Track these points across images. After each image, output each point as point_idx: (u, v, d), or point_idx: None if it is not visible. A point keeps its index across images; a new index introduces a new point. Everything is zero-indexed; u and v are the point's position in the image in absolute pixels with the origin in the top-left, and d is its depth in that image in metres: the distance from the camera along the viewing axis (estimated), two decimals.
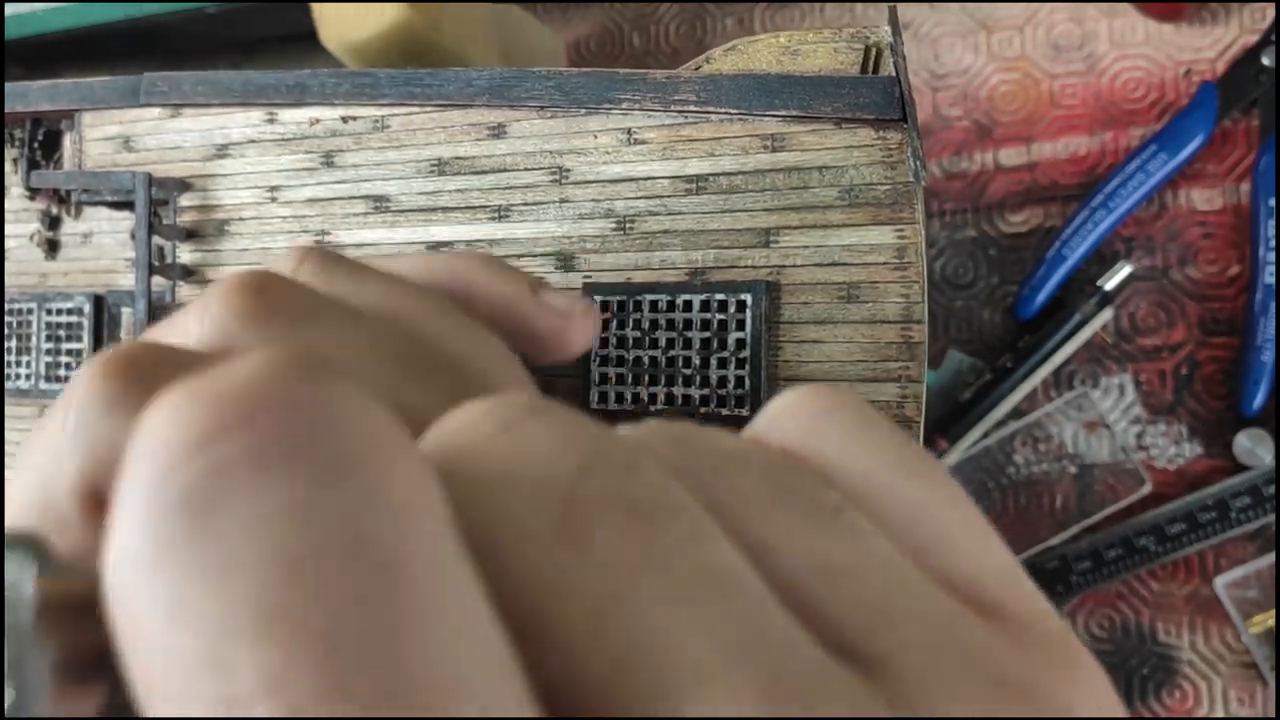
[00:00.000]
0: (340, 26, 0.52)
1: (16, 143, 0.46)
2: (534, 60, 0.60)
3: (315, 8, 0.53)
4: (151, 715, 0.11)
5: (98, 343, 0.43)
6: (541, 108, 0.37)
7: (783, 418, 0.18)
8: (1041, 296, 0.56)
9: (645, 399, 0.35)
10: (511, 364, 0.27)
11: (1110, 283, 0.55)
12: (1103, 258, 0.56)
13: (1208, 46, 0.55)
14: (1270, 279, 0.52)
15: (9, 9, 0.60)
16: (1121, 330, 0.56)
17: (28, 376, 0.45)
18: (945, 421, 0.57)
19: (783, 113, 0.33)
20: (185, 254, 0.42)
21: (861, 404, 0.18)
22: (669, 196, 0.35)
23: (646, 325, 0.35)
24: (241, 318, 0.21)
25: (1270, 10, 0.54)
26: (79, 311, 0.44)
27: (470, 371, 0.25)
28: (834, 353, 0.33)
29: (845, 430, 0.17)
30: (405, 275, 0.27)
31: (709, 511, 0.15)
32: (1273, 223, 0.52)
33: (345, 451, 0.12)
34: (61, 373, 0.44)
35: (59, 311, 0.44)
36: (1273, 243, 0.52)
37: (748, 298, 0.34)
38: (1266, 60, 0.53)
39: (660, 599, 0.13)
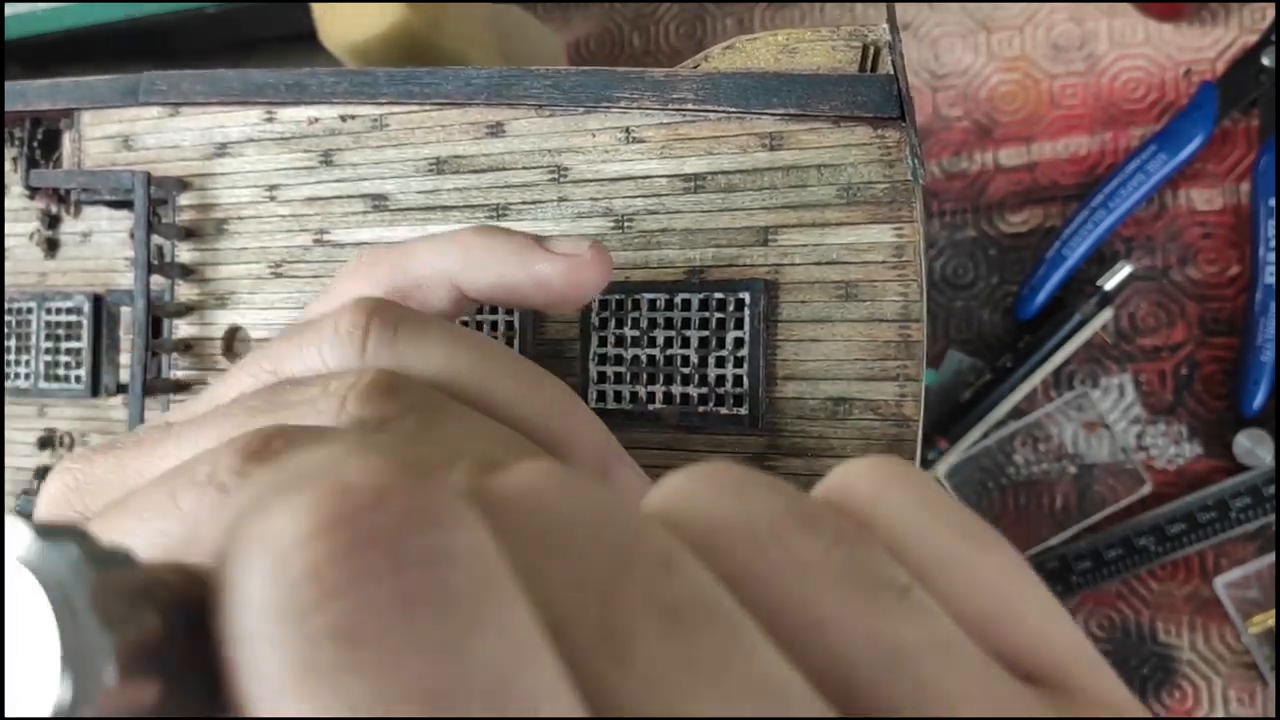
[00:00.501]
0: (340, 26, 0.52)
1: (16, 142, 0.46)
2: (534, 60, 0.60)
3: (315, 8, 0.53)
4: None
5: (97, 342, 0.43)
6: (540, 106, 0.37)
7: (851, 481, 0.18)
8: (1041, 296, 0.56)
9: (643, 398, 0.35)
10: (574, 410, 0.28)
11: (1110, 283, 0.55)
12: (1103, 258, 0.56)
13: (1208, 46, 0.55)
14: (1270, 279, 0.52)
15: (9, 9, 0.60)
16: (1121, 330, 0.56)
17: (27, 376, 0.45)
18: (945, 421, 0.57)
19: (781, 111, 0.33)
20: (184, 253, 0.42)
21: (929, 478, 0.18)
22: (667, 195, 0.35)
23: (644, 324, 0.35)
24: (377, 415, 0.23)
25: (1270, 10, 0.54)
26: (78, 311, 0.44)
27: (537, 437, 0.26)
28: (832, 352, 0.33)
29: (913, 499, 0.17)
30: (426, 289, 0.29)
31: (767, 583, 0.15)
32: (1273, 223, 0.52)
33: (471, 597, 0.12)
34: (61, 372, 0.44)
35: (58, 311, 0.44)
36: (1273, 243, 0.52)
37: (746, 296, 0.34)
38: (1266, 60, 0.53)
39: (707, 715, 0.13)
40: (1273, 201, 0.52)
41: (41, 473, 0.45)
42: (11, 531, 0.12)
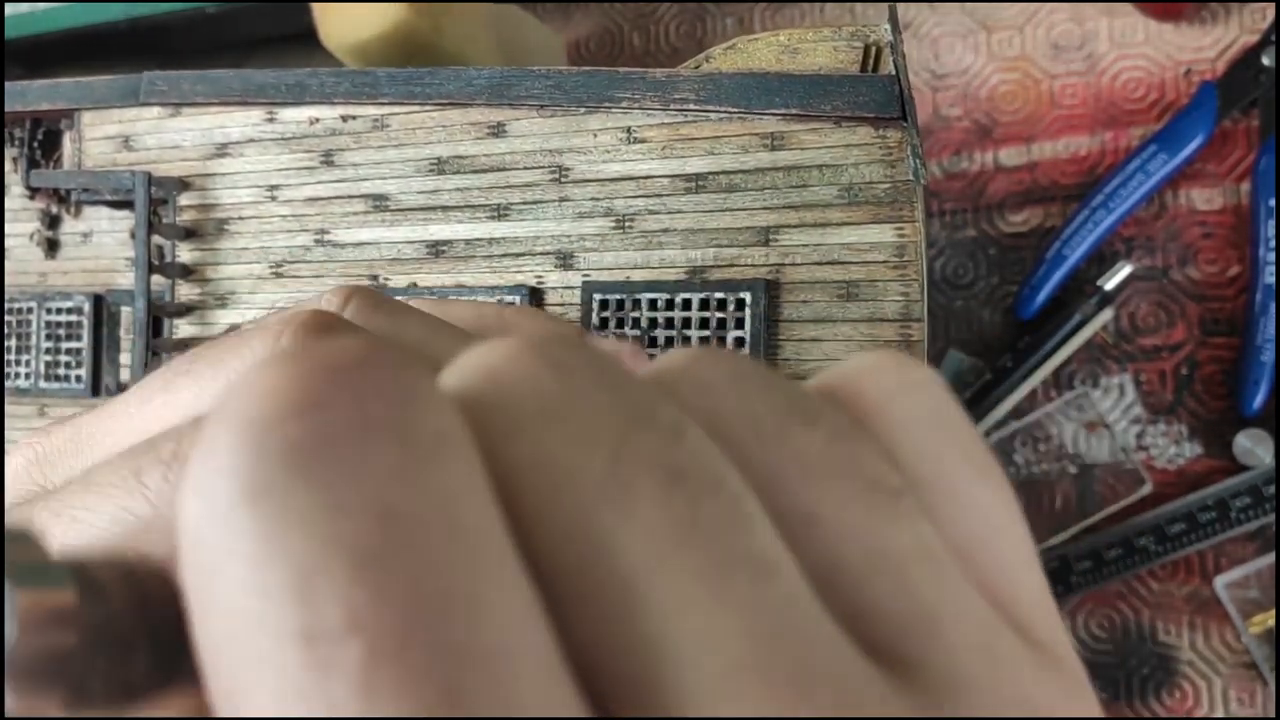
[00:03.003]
0: (340, 27, 0.52)
1: (16, 142, 0.46)
2: (534, 60, 0.60)
3: (315, 8, 0.53)
4: (221, 656, 0.12)
5: (97, 342, 0.43)
6: (541, 106, 0.37)
7: (863, 379, 0.17)
8: (1041, 296, 0.56)
9: None
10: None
11: (1110, 283, 0.55)
12: (1103, 258, 0.56)
13: (1208, 46, 0.55)
14: (1270, 279, 0.52)
15: (9, 9, 0.60)
16: (1121, 330, 0.56)
17: (27, 375, 0.45)
18: None
19: (782, 111, 0.33)
20: (185, 253, 0.42)
21: (945, 388, 0.17)
22: (668, 195, 0.35)
23: (645, 324, 0.35)
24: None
25: (1270, 10, 0.54)
26: (79, 310, 0.44)
27: None
28: (833, 351, 0.33)
29: (925, 412, 0.17)
30: (447, 319, 0.28)
31: (762, 473, 0.14)
32: (1273, 223, 0.52)
33: (437, 433, 0.12)
34: (61, 371, 0.44)
35: (59, 310, 0.44)
36: (1273, 243, 0.52)
37: (747, 296, 0.34)
38: (1266, 60, 0.53)
39: (694, 579, 0.13)
40: (1273, 201, 0.52)
41: None
42: None
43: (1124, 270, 0.55)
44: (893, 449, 0.16)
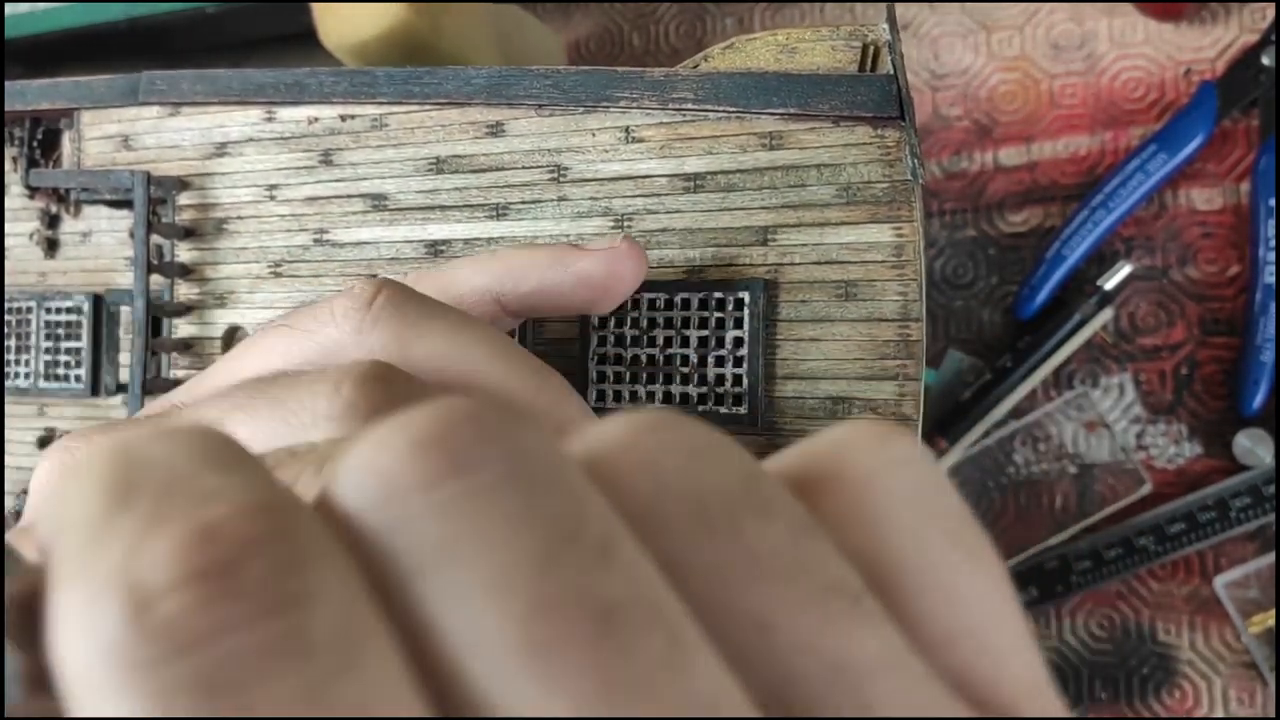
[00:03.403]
0: (340, 27, 0.52)
1: (16, 141, 0.46)
2: (534, 60, 0.60)
3: (315, 7, 0.53)
4: None
5: (96, 341, 0.43)
6: (539, 106, 0.37)
7: (841, 456, 0.16)
8: (1041, 296, 0.56)
9: (643, 398, 0.35)
10: (569, 401, 0.28)
11: (1110, 282, 0.55)
12: (1103, 258, 0.56)
13: (1208, 46, 0.55)
14: (1270, 279, 0.52)
15: (9, 9, 0.60)
16: (1121, 330, 0.56)
17: (27, 375, 0.45)
18: (945, 421, 0.57)
19: (780, 111, 0.33)
20: (184, 252, 0.42)
21: (931, 463, 0.16)
22: (667, 195, 0.35)
23: (644, 324, 0.35)
24: (369, 408, 0.23)
25: (1270, 10, 0.54)
26: (78, 310, 0.44)
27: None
28: (832, 351, 0.33)
29: (909, 492, 0.15)
30: (466, 306, 0.29)
31: (710, 572, 0.13)
32: (1273, 223, 0.52)
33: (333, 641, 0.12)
34: (60, 371, 0.44)
35: (58, 310, 0.44)
36: (1273, 243, 0.52)
37: (745, 296, 0.34)
38: (1266, 60, 0.53)
39: None
40: (1273, 201, 0.52)
41: None
42: None
43: (1124, 270, 0.55)
44: (872, 536, 0.15)
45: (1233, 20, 0.55)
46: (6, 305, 0.45)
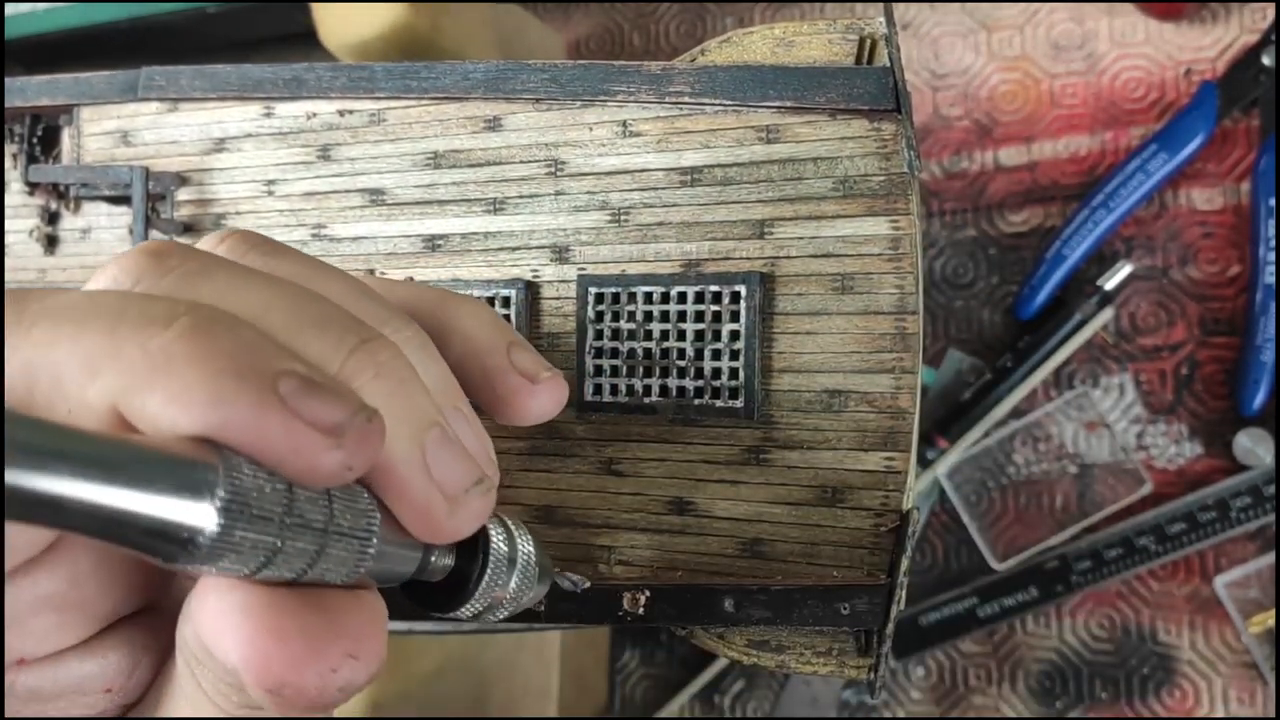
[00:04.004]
0: (340, 26, 0.52)
1: (16, 138, 0.46)
2: (534, 59, 0.60)
3: (315, 7, 0.53)
4: None
5: None
6: (537, 100, 0.37)
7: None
8: (1041, 296, 0.56)
9: (640, 391, 0.35)
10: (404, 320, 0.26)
11: (1110, 282, 0.55)
12: (1103, 257, 0.56)
13: (1208, 46, 0.55)
14: (1270, 279, 0.52)
15: (9, 9, 0.61)
16: (1121, 330, 0.56)
17: None
18: (945, 421, 0.57)
19: (777, 104, 0.33)
20: None
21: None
22: (664, 188, 0.35)
23: (640, 317, 0.35)
24: (136, 277, 0.22)
25: (1270, 10, 0.54)
26: None
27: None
28: (828, 344, 0.33)
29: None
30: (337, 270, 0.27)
31: None
32: (1273, 222, 0.52)
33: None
34: None
35: None
36: (1273, 243, 0.52)
37: (742, 289, 0.34)
38: (1267, 60, 0.53)
39: None
40: (1273, 201, 0.52)
41: None
42: None
43: (1124, 270, 0.55)
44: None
45: (1233, 20, 0.55)
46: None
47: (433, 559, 0.24)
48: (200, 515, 0.17)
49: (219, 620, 0.19)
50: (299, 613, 0.20)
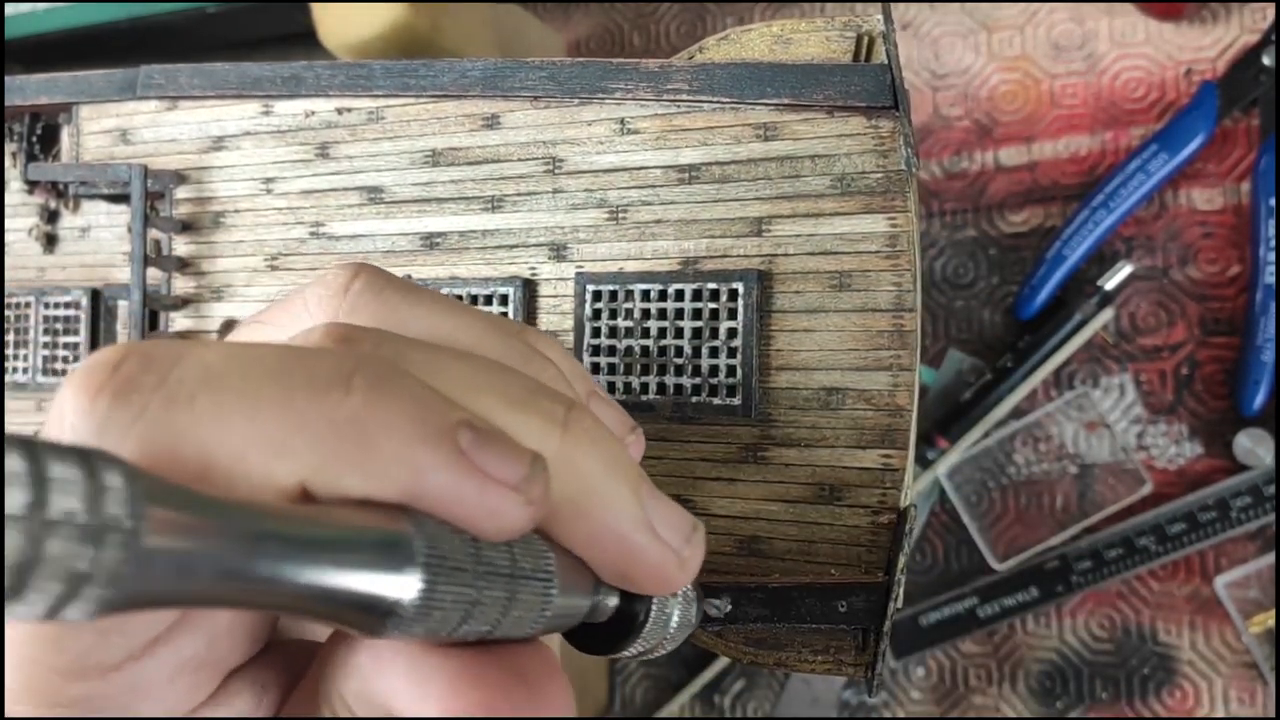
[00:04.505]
0: (340, 26, 0.52)
1: (15, 136, 0.46)
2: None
3: (315, 7, 0.53)
4: None
5: (94, 336, 0.43)
6: (535, 98, 0.37)
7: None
8: (1042, 296, 0.56)
9: (637, 389, 0.35)
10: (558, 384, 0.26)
11: (1110, 283, 0.55)
12: (1103, 258, 0.56)
13: (1208, 46, 0.55)
14: (1270, 279, 0.52)
15: (9, 9, 0.61)
16: (1121, 330, 0.56)
17: (25, 370, 0.45)
18: (945, 421, 0.57)
19: (775, 101, 0.33)
20: (181, 246, 0.42)
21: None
22: (661, 186, 0.35)
23: (638, 315, 0.35)
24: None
25: (1270, 10, 0.54)
26: (76, 305, 0.44)
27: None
28: (825, 341, 0.33)
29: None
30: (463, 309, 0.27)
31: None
32: (1273, 222, 0.52)
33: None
34: (59, 366, 0.44)
35: (56, 305, 0.44)
36: (1273, 243, 0.52)
37: (739, 287, 0.34)
38: (1267, 60, 0.53)
39: None
40: (1273, 201, 0.52)
41: None
42: None
43: (1124, 270, 0.55)
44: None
45: (1233, 20, 0.55)
46: (6, 300, 0.45)
47: (600, 599, 0.24)
48: (406, 584, 0.17)
49: (415, 688, 0.19)
50: (493, 675, 0.20)
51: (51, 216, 0.46)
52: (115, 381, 0.18)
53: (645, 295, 0.35)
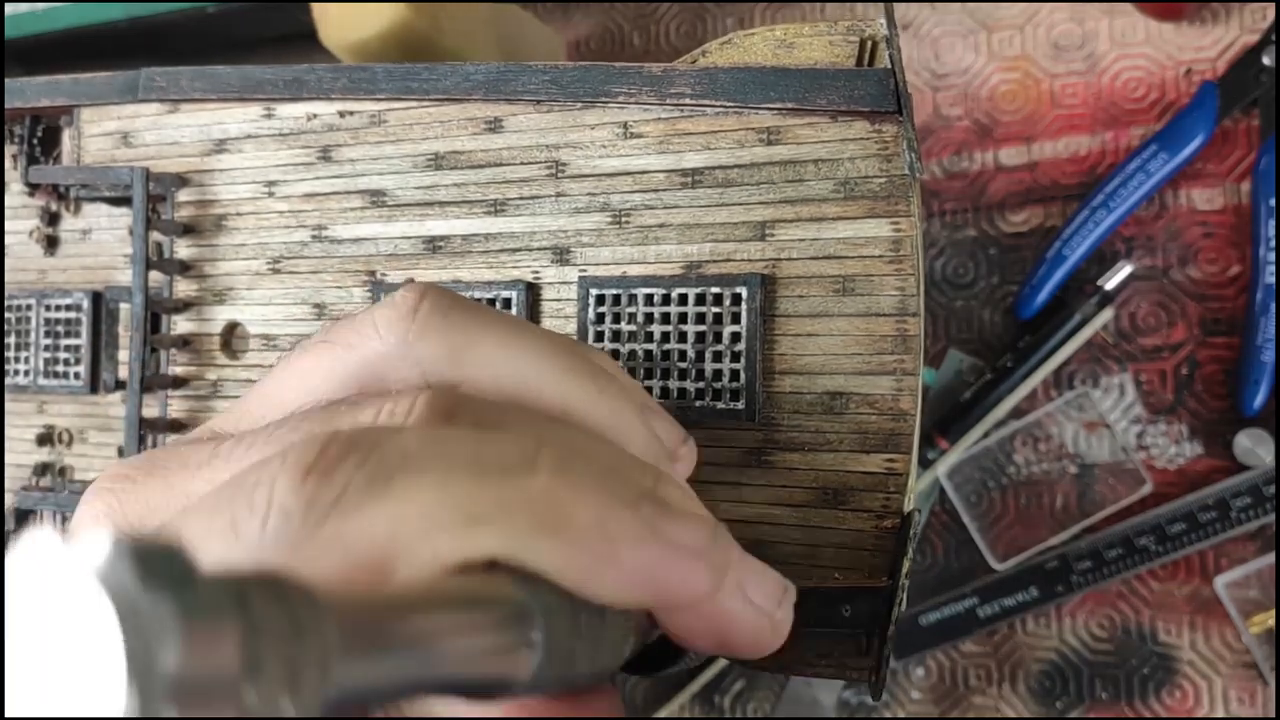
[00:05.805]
0: (340, 26, 0.52)
1: (16, 139, 0.46)
2: (534, 60, 0.60)
3: (315, 7, 0.53)
4: None
5: (96, 339, 0.43)
6: (538, 101, 0.37)
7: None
8: (1042, 296, 0.56)
9: None
10: (627, 409, 0.27)
11: (1110, 282, 0.55)
12: (1103, 257, 0.56)
13: (1208, 46, 0.55)
14: (1270, 279, 0.52)
15: (9, 9, 0.60)
16: (1122, 330, 0.56)
17: (26, 373, 0.45)
18: (945, 421, 0.57)
19: (778, 105, 0.33)
20: (183, 249, 0.42)
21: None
22: (664, 190, 0.35)
23: (641, 319, 0.35)
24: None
25: (1270, 10, 0.54)
26: (77, 308, 0.44)
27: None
28: (829, 346, 0.33)
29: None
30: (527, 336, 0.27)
31: None
32: (1273, 222, 0.52)
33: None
34: (59, 369, 0.44)
35: (58, 308, 0.44)
36: (1273, 242, 0.52)
37: (743, 291, 0.34)
38: (1267, 60, 0.53)
39: None
40: (1273, 201, 0.52)
41: (41, 469, 0.45)
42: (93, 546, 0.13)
43: (1124, 270, 0.55)
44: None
45: (1233, 20, 0.55)
46: (6, 303, 0.45)
47: (656, 630, 0.24)
48: (526, 658, 0.18)
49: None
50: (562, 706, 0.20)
51: (52, 219, 0.46)
52: (323, 462, 0.19)
53: (649, 299, 0.35)
